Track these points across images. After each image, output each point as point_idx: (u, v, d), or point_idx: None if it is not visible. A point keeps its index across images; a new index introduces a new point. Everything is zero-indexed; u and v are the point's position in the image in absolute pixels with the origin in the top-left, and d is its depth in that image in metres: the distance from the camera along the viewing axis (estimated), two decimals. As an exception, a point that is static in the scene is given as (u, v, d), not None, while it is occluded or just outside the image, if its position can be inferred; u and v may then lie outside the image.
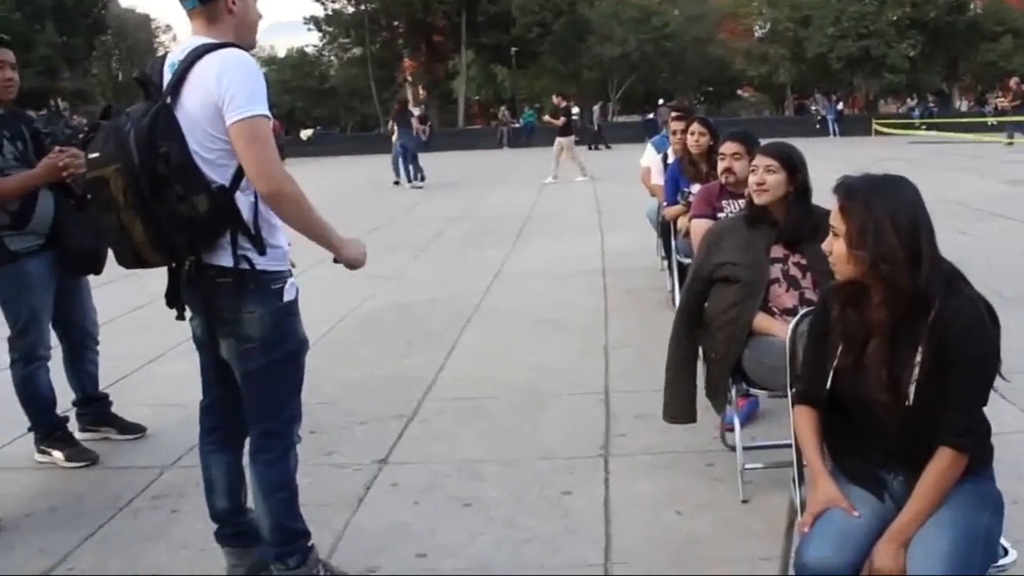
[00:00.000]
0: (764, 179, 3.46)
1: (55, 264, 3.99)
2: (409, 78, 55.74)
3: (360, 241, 2.88)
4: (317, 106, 53.76)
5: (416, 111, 20.76)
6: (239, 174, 2.58)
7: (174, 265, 2.72)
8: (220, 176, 2.57)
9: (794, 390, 2.40)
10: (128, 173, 2.47)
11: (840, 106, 39.40)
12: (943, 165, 18.30)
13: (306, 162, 34.11)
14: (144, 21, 52.67)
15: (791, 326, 2.50)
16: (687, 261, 6.02)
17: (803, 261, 3.46)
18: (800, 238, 3.45)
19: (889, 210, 2.11)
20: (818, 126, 34.05)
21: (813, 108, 41.70)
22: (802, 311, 3.35)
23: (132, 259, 2.61)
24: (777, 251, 3.49)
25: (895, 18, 39.67)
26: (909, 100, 39.84)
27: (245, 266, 2.63)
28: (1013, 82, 34.35)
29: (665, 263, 7.65)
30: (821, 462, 2.24)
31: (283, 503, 2.83)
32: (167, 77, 2.61)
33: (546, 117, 19.96)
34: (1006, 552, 2.14)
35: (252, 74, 2.54)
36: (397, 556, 3.20)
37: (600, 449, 4.09)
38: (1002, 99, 43.63)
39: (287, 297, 2.74)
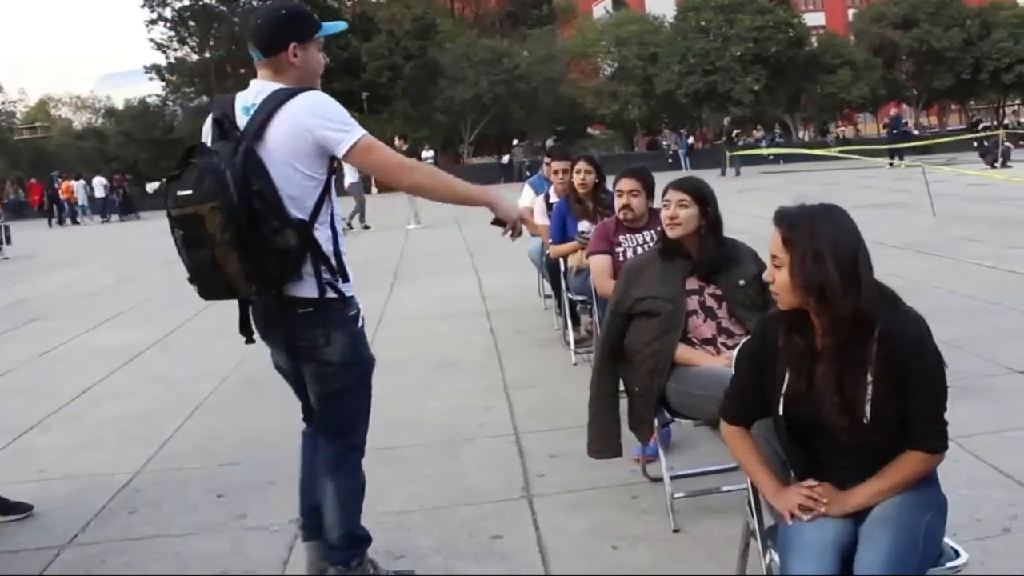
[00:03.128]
0: (677, 213, 3.56)
1: None
2: (258, 126, 54.70)
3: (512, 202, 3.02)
4: (163, 157, 51.56)
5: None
6: (317, 209, 2.81)
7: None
8: (301, 211, 2.78)
9: (720, 408, 2.47)
10: (227, 209, 2.62)
11: (691, 140, 41.04)
12: (806, 194, 19.18)
13: (156, 216, 32.97)
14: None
15: (735, 354, 2.55)
16: (578, 298, 6.12)
17: (718, 292, 3.56)
18: (715, 269, 3.56)
19: (831, 239, 2.20)
20: (670, 160, 35.27)
21: (664, 143, 43.24)
22: (721, 340, 3.51)
23: (224, 291, 2.77)
24: (692, 283, 3.58)
25: (739, 54, 41.64)
26: (755, 132, 41.87)
27: (331, 294, 2.85)
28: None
29: (549, 302, 7.76)
30: (770, 475, 2.35)
31: (355, 512, 3.09)
32: (241, 117, 2.80)
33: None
34: (957, 554, 2.24)
35: (338, 107, 2.81)
36: (335, 618, 3.08)
37: (522, 490, 4.07)
38: (843, 128, 46.46)
39: (360, 323, 2.99)
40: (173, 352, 7.83)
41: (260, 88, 2.83)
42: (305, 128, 2.73)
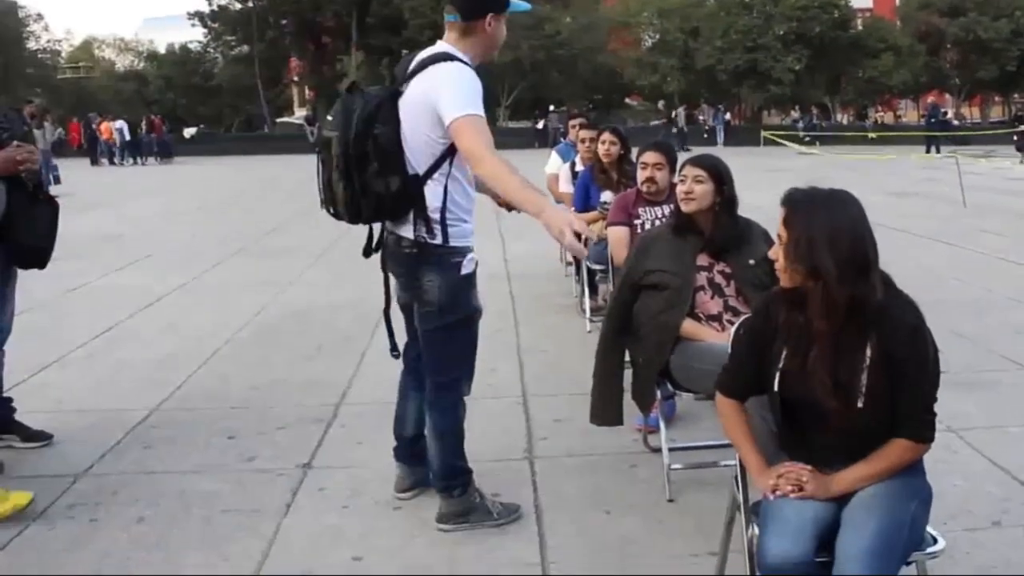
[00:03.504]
0: (692, 188, 3.58)
1: (1, 255, 3.93)
2: (296, 79, 54.79)
3: (561, 210, 3.08)
4: (201, 104, 52.24)
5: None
6: (434, 167, 3.05)
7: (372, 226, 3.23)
8: (418, 165, 3.05)
9: (716, 380, 2.52)
10: (342, 143, 2.97)
11: (727, 116, 40.71)
12: (829, 177, 19.09)
13: (188, 161, 33.21)
14: (11, 8, 49.85)
15: (734, 329, 2.60)
16: (597, 267, 6.16)
17: (727, 270, 3.60)
18: (725, 247, 3.60)
19: (828, 225, 2.22)
20: (706, 135, 35.06)
21: (701, 118, 42.94)
22: (727, 317, 3.55)
23: (334, 211, 3.11)
24: (702, 259, 3.62)
25: (781, 32, 41.10)
26: (793, 112, 41.34)
27: (426, 240, 3.07)
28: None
29: (570, 269, 7.80)
30: (756, 453, 2.40)
31: (450, 446, 3.32)
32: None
33: None
34: (935, 540, 2.30)
35: (469, 82, 2.99)
36: (332, 559, 3.18)
37: (524, 452, 4.16)
38: (882, 114, 45.87)
39: (464, 271, 3.15)
40: (194, 298, 7.96)
41: (436, 47, 3.12)
42: (434, 91, 2.96)
